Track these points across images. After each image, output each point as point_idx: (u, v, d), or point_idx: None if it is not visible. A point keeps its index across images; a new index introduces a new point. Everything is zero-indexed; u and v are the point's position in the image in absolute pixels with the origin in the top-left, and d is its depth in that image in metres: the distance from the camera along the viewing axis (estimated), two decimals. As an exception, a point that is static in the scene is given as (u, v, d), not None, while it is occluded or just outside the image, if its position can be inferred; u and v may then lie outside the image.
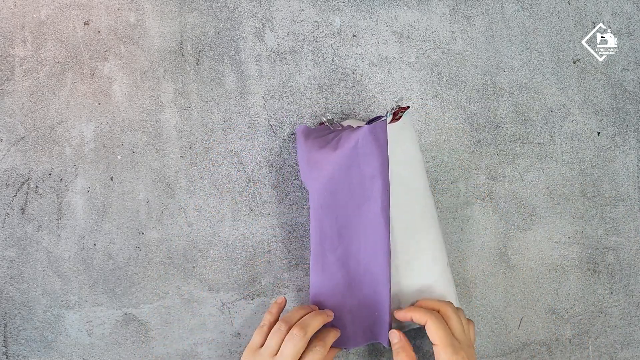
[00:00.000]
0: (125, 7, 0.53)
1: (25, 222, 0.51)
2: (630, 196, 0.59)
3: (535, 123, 0.58)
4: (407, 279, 0.48)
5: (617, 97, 0.59)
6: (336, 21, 0.55)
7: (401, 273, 0.48)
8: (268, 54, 0.54)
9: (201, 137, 0.53)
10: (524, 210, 0.57)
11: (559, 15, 0.59)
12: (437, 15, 0.57)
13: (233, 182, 0.53)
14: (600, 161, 0.58)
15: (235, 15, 0.54)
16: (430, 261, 0.48)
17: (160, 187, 0.53)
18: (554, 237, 0.57)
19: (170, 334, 0.52)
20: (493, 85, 0.57)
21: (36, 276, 0.51)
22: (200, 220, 0.53)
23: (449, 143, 0.56)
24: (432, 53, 0.57)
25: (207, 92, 0.54)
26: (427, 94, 0.56)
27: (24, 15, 0.52)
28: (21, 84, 0.52)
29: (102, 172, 0.52)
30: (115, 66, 0.53)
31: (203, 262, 0.53)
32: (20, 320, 0.51)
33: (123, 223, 0.52)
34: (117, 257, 0.52)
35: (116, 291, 0.52)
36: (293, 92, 0.55)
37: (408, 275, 0.48)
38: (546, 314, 0.57)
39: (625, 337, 0.58)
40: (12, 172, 0.51)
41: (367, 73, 0.56)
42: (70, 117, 0.52)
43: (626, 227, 0.58)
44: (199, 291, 0.52)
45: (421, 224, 0.48)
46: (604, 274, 0.58)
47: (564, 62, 0.59)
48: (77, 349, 0.51)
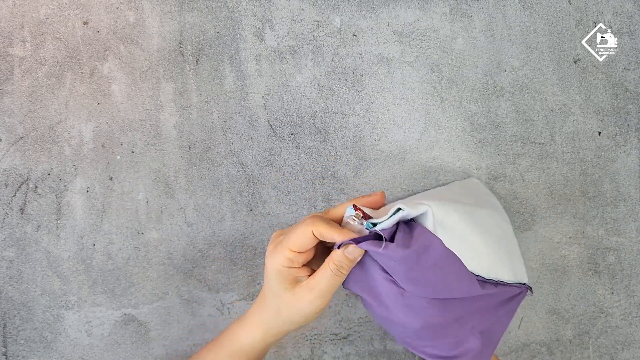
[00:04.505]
0: (125, 6, 0.53)
1: (25, 222, 0.51)
2: (632, 196, 0.59)
3: (536, 123, 0.58)
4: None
5: (618, 97, 0.59)
6: (336, 20, 0.55)
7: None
8: (268, 54, 0.54)
9: (201, 136, 0.53)
10: (525, 210, 0.57)
11: (560, 15, 0.58)
12: (438, 14, 0.57)
13: (233, 182, 0.53)
14: (601, 161, 0.58)
15: (234, 14, 0.54)
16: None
17: (160, 187, 0.53)
18: (555, 237, 0.57)
19: (170, 334, 0.52)
20: (494, 85, 0.57)
21: (35, 276, 0.51)
22: (199, 220, 0.53)
23: (449, 143, 0.56)
24: (433, 52, 0.56)
25: (207, 91, 0.53)
26: (428, 94, 0.56)
27: (23, 15, 0.52)
28: (20, 83, 0.52)
29: (101, 172, 0.52)
30: (115, 66, 0.53)
31: (203, 263, 0.53)
32: (19, 321, 0.51)
33: (122, 223, 0.52)
34: (116, 257, 0.52)
35: (115, 291, 0.52)
36: (293, 91, 0.54)
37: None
38: (547, 314, 0.57)
39: (626, 337, 0.58)
40: (11, 172, 0.51)
41: (367, 72, 0.55)
42: (69, 117, 0.52)
43: (627, 227, 0.58)
44: (198, 291, 0.52)
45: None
46: (605, 274, 0.58)
47: (564, 61, 0.58)
48: (77, 349, 0.51)
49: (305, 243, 0.37)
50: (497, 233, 0.46)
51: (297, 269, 0.39)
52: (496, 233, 0.46)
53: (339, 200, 0.55)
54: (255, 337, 0.42)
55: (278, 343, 0.54)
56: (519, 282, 0.46)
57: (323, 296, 0.38)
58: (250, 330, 0.42)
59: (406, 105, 0.56)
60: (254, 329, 0.42)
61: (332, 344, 0.54)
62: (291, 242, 0.37)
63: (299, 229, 0.37)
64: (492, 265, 0.43)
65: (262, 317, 0.41)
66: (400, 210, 0.37)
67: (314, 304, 0.39)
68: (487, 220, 0.46)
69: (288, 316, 0.40)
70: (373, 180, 0.55)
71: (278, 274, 0.38)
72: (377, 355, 0.54)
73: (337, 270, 0.38)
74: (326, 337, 0.54)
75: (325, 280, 0.38)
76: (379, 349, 0.54)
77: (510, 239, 0.49)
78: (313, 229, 0.36)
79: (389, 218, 0.37)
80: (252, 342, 0.42)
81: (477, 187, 0.54)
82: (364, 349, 0.54)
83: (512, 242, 0.50)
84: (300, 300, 0.39)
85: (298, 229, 0.37)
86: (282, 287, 0.39)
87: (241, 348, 0.42)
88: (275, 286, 0.39)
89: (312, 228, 0.36)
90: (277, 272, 0.38)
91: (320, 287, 0.38)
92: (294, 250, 0.37)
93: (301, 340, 0.54)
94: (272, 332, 0.41)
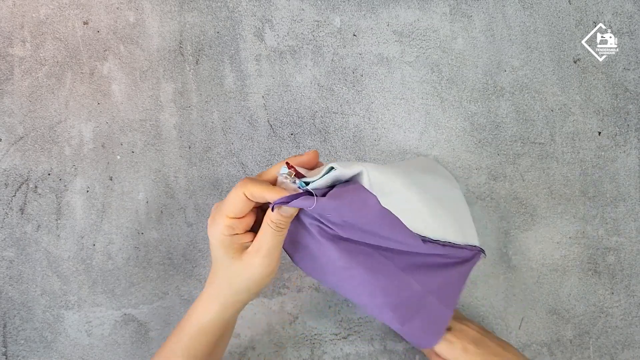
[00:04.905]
0: (125, 6, 0.53)
1: (25, 222, 0.51)
2: (631, 196, 0.59)
3: (536, 123, 0.58)
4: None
5: (618, 97, 0.59)
6: (336, 20, 0.55)
7: None
8: (268, 54, 0.54)
9: (201, 136, 0.53)
10: (525, 210, 0.57)
11: (560, 15, 0.58)
12: (438, 14, 0.57)
13: (233, 182, 0.53)
14: (601, 161, 0.58)
15: (234, 14, 0.54)
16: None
17: (160, 187, 0.53)
18: (555, 238, 0.57)
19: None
20: (494, 85, 0.57)
21: (35, 276, 0.51)
22: (199, 220, 0.53)
23: (449, 143, 0.56)
24: (433, 52, 0.56)
25: (207, 91, 0.53)
26: (428, 94, 0.56)
27: (23, 15, 0.52)
28: (20, 83, 0.52)
29: (101, 172, 0.52)
30: (115, 66, 0.53)
31: (203, 263, 0.53)
32: (19, 321, 0.51)
33: (122, 223, 0.52)
34: (116, 257, 0.52)
35: (115, 291, 0.52)
36: (293, 91, 0.54)
37: None
38: (547, 314, 0.57)
39: (626, 337, 0.58)
40: (12, 172, 0.51)
41: (367, 72, 0.55)
42: (69, 117, 0.52)
43: (627, 227, 0.58)
44: (198, 292, 0.52)
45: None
46: (605, 274, 0.58)
47: (564, 61, 0.58)
48: (77, 350, 0.51)
49: (241, 207, 0.36)
50: (441, 196, 0.47)
51: (241, 236, 0.38)
52: (441, 196, 0.47)
53: (339, 200, 0.55)
54: (212, 314, 0.41)
55: (278, 343, 0.54)
56: (469, 243, 0.47)
57: (271, 254, 0.38)
58: (206, 308, 0.41)
59: (406, 105, 0.56)
60: (209, 306, 0.41)
61: (332, 344, 0.54)
62: (226, 209, 0.37)
63: (232, 193, 0.36)
64: (437, 227, 0.44)
65: (215, 292, 0.40)
66: (333, 169, 0.36)
67: (263, 265, 0.38)
68: (431, 185, 0.47)
69: (240, 284, 0.39)
70: (373, 180, 0.55)
71: (221, 244, 0.37)
72: (377, 355, 0.54)
73: (277, 227, 0.37)
74: (326, 337, 0.54)
75: (268, 238, 0.37)
76: (379, 349, 0.54)
77: (458, 203, 0.51)
78: (244, 191, 0.36)
79: (322, 177, 0.36)
80: (210, 320, 0.41)
81: (427, 161, 0.54)
82: (364, 349, 0.54)
83: (461, 205, 0.51)
84: (250, 265, 0.38)
85: (231, 194, 0.36)
86: (228, 257, 0.38)
87: (200, 328, 0.41)
88: (221, 257, 0.38)
89: (244, 190, 0.36)
90: (220, 242, 0.37)
91: (266, 246, 0.37)
92: (232, 217, 0.37)
93: (301, 340, 0.54)
94: (227, 305, 0.41)
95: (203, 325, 0.41)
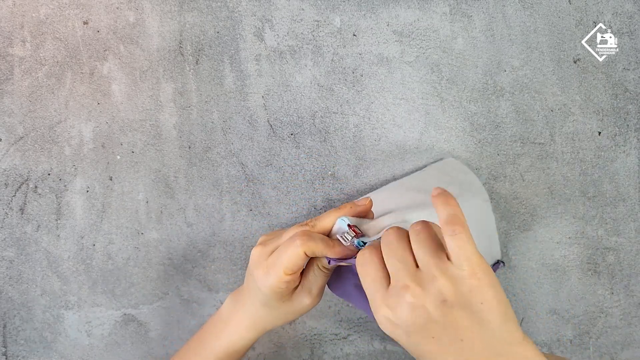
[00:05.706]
0: (125, 6, 0.53)
1: (24, 222, 0.51)
2: (631, 196, 0.59)
3: (535, 123, 0.58)
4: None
5: (618, 97, 0.59)
6: (336, 20, 0.55)
7: None
8: (268, 54, 0.54)
9: (201, 137, 0.53)
10: (525, 210, 0.57)
11: (560, 15, 0.58)
12: (438, 14, 0.57)
13: (232, 182, 0.53)
14: (601, 161, 0.58)
15: (234, 14, 0.54)
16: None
17: (160, 187, 0.53)
18: (555, 238, 0.57)
19: (170, 334, 0.52)
20: (494, 85, 0.57)
21: (35, 276, 0.51)
22: (199, 220, 0.53)
23: (449, 143, 0.56)
24: (433, 52, 0.56)
25: (207, 91, 0.53)
26: (428, 94, 0.56)
27: (23, 15, 0.52)
28: (20, 83, 0.52)
29: (101, 172, 0.52)
30: (115, 66, 0.53)
31: (202, 263, 0.53)
32: (19, 321, 0.51)
33: (122, 223, 0.52)
34: (116, 257, 0.52)
35: (115, 292, 0.52)
36: (293, 91, 0.54)
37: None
38: (547, 314, 0.57)
39: (626, 337, 0.58)
40: (11, 172, 0.51)
41: (367, 72, 0.55)
42: (69, 117, 0.52)
43: (627, 227, 0.58)
44: (198, 292, 0.52)
45: None
46: (605, 274, 0.58)
47: (564, 61, 0.58)
48: (77, 350, 0.51)
49: (300, 265, 0.38)
50: (478, 220, 0.49)
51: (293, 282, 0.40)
52: (477, 221, 0.48)
53: (339, 200, 0.55)
54: (247, 341, 0.43)
55: (278, 343, 0.54)
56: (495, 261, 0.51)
57: (321, 293, 0.41)
58: (242, 335, 0.43)
59: (406, 105, 0.56)
60: (246, 334, 0.43)
61: (332, 344, 0.54)
62: (285, 266, 0.37)
63: (291, 250, 0.37)
64: None
65: (253, 322, 0.42)
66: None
67: (314, 303, 0.41)
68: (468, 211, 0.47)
69: (285, 319, 0.42)
70: (373, 180, 0.55)
71: (274, 293, 0.39)
72: (377, 355, 0.54)
73: (328, 271, 0.40)
74: (326, 337, 0.54)
75: (319, 280, 0.40)
76: (379, 349, 0.54)
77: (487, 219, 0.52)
78: (305, 250, 0.37)
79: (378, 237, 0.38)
80: (244, 345, 0.43)
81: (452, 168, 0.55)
82: (364, 349, 0.54)
83: (490, 221, 0.53)
84: (300, 304, 0.41)
85: (289, 249, 0.37)
86: (280, 301, 0.40)
87: (232, 352, 0.43)
88: (270, 300, 0.40)
89: (305, 249, 0.37)
90: (272, 292, 0.39)
91: (317, 286, 0.41)
92: (289, 274, 0.38)
93: (301, 340, 0.54)
94: (264, 332, 0.43)
95: (236, 349, 0.43)
